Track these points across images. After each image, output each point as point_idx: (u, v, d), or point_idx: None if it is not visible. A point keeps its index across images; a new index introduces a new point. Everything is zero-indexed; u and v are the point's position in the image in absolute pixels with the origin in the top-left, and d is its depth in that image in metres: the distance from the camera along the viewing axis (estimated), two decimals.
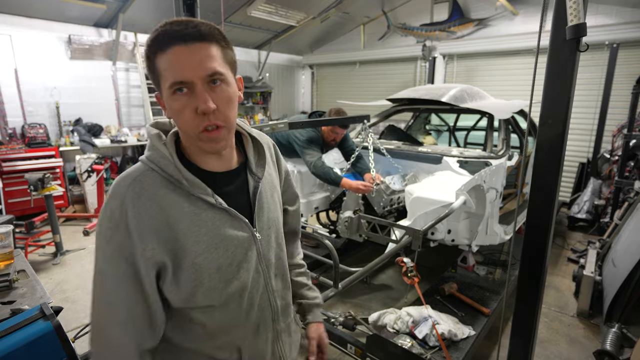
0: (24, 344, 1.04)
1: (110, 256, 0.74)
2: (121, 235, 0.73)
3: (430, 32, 6.49)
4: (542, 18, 1.33)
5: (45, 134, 5.11)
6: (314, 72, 9.01)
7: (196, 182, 0.78)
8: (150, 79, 0.77)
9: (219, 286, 0.81)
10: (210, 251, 0.78)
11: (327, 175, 2.85)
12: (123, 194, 0.74)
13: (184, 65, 0.70)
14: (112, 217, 0.73)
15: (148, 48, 0.73)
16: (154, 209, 0.74)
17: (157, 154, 0.77)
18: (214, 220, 0.79)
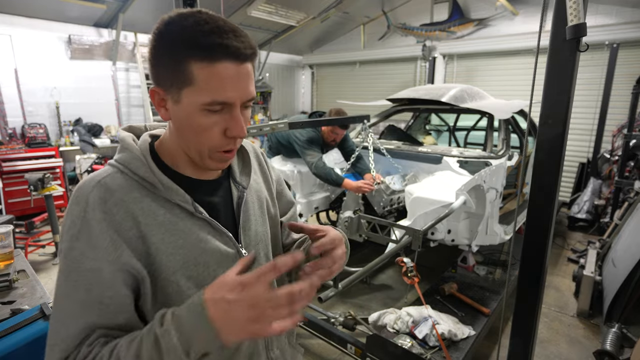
0: (24, 344, 1.04)
1: (68, 274, 0.62)
2: (85, 248, 0.61)
3: (430, 32, 6.49)
4: (542, 18, 1.33)
5: (45, 134, 5.11)
6: (314, 72, 9.01)
7: (173, 187, 0.68)
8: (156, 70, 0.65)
9: None
10: (189, 267, 0.68)
11: (328, 176, 2.85)
12: (85, 199, 0.63)
13: (231, 86, 0.63)
14: (73, 227, 0.62)
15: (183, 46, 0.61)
16: (123, 216, 0.64)
17: (128, 154, 0.69)
18: (192, 231, 0.69)
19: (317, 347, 2.55)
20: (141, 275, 0.64)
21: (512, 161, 3.19)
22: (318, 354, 2.51)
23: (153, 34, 0.64)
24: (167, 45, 0.63)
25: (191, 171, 0.74)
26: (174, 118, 0.68)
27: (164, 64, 0.64)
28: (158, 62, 0.65)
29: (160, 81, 0.66)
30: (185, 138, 0.69)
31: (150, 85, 4.80)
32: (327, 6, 6.53)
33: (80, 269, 0.61)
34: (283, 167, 3.16)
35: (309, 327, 2.36)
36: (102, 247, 0.61)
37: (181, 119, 0.66)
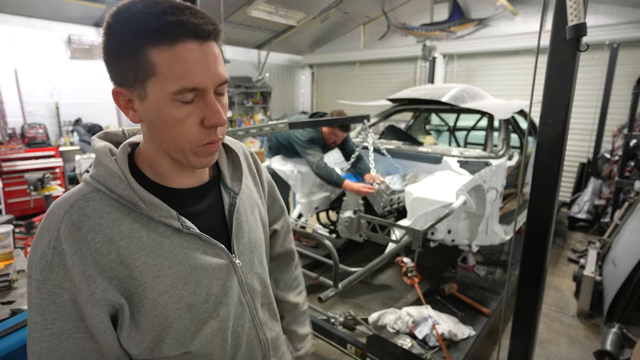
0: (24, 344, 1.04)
1: (44, 309, 0.57)
2: (60, 280, 0.56)
3: (430, 32, 6.49)
4: (542, 18, 1.33)
5: (45, 134, 5.11)
6: (314, 72, 9.01)
7: (156, 203, 0.62)
8: (113, 67, 0.59)
9: (192, 328, 0.66)
10: (178, 287, 0.64)
11: (329, 177, 2.85)
12: (57, 226, 0.57)
13: (198, 68, 0.56)
14: (44, 257, 0.56)
15: (135, 33, 0.55)
16: (101, 242, 0.58)
17: (104, 170, 0.61)
18: (180, 249, 0.64)
19: (317, 347, 2.55)
20: (119, 304, 0.60)
21: (512, 161, 3.19)
22: (318, 354, 2.51)
23: (103, 29, 0.58)
24: (120, 37, 0.57)
25: (175, 179, 0.67)
26: (144, 119, 0.61)
27: (120, 58, 0.58)
28: (114, 59, 0.59)
29: (121, 80, 0.60)
30: (161, 138, 0.62)
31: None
32: (327, 6, 6.52)
33: (58, 301, 0.57)
34: (283, 167, 3.15)
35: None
36: (76, 282, 0.57)
37: (152, 117, 0.60)
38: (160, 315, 0.63)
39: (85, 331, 0.59)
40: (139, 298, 0.61)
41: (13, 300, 1.46)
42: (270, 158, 3.32)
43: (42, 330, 0.57)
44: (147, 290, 0.61)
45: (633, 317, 2.75)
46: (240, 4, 5.89)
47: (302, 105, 9.36)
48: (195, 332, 0.67)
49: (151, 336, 0.63)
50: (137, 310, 0.61)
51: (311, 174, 3.14)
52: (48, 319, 0.57)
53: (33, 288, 0.57)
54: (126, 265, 0.60)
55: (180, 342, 0.66)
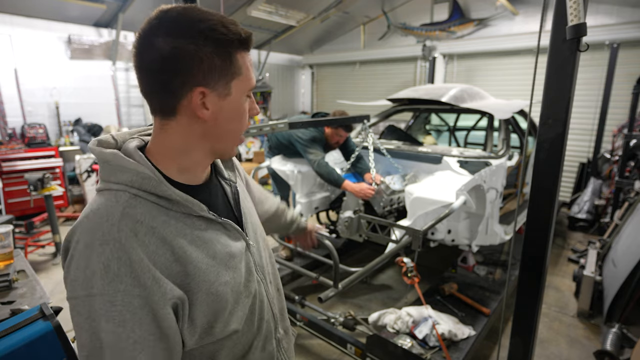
0: (24, 344, 1.04)
1: (123, 319, 0.58)
2: (130, 288, 0.58)
3: (430, 32, 6.49)
4: (542, 18, 1.33)
5: (45, 134, 5.11)
6: (314, 72, 9.01)
7: (189, 199, 0.66)
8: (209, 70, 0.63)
9: (234, 310, 0.72)
10: (223, 275, 0.69)
11: (330, 176, 2.85)
12: (115, 236, 0.58)
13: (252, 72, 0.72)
14: (109, 271, 0.57)
15: (229, 39, 0.64)
16: (156, 244, 0.61)
17: (135, 174, 0.63)
18: (217, 239, 0.70)
19: (317, 347, 2.55)
20: (181, 300, 0.63)
21: (512, 161, 3.19)
22: (318, 354, 2.51)
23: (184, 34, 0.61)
24: (215, 42, 0.63)
25: (192, 176, 0.73)
26: (215, 115, 0.67)
27: (212, 62, 0.63)
28: (203, 62, 0.63)
29: (203, 81, 0.64)
30: (224, 131, 0.70)
31: None
32: (327, 6, 6.53)
33: (132, 309, 0.58)
34: (283, 167, 3.15)
35: (309, 327, 2.36)
36: (147, 286, 0.59)
37: (229, 111, 0.69)
38: (211, 304, 0.67)
39: (158, 334, 0.60)
40: (193, 292, 0.65)
41: (13, 300, 1.46)
42: (270, 158, 3.32)
43: (127, 340, 0.58)
44: (200, 283, 0.65)
45: (633, 317, 2.75)
46: (240, 4, 5.89)
47: (302, 105, 9.36)
48: (236, 312, 0.73)
49: (203, 324, 0.67)
50: (192, 303, 0.65)
51: (311, 174, 3.14)
52: (128, 328, 0.58)
53: (104, 303, 0.57)
54: (180, 262, 0.64)
55: (225, 324, 0.70)
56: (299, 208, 3.17)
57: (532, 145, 3.74)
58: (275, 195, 3.50)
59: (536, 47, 1.34)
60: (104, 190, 0.65)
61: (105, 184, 0.65)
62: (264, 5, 5.97)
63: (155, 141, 0.70)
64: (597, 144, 5.16)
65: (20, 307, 1.37)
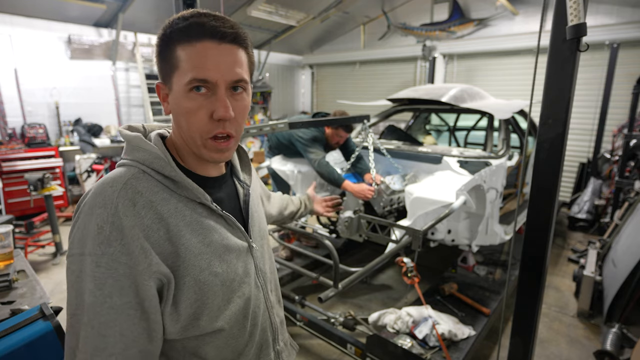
0: (24, 344, 1.04)
1: (103, 283, 0.58)
2: (117, 254, 0.59)
3: (430, 32, 6.49)
4: (542, 18, 1.33)
5: (45, 134, 5.11)
6: (314, 72, 9.01)
7: (194, 186, 0.68)
8: (158, 66, 0.69)
9: (223, 305, 0.71)
10: (215, 265, 0.69)
11: (331, 175, 2.85)
12: (113, 202, 0.60)
13: (211, 64, 0.64)
14: (101, 233, 0.59)
15: (169, 34, 0.65)
16: (152, 219, 0.63)
17: (148, 154, 0.67)
18: (215, 229, 0.71)
19: (317, 347, 2.55)
20: (167, 278, 0.63)
21: (512, 161, 3.19)
22: (318, 354, 2.51)
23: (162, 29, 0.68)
24: (160, 39, 0.67)
25: (201, 168, 0.75)
26: (172, 110, 0.70)
27: (160, 57, 0.67)
28: (157, 58, 0.68)
29: (160, 75, 0.69)
30: (180, 127, 0.69)
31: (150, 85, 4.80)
32: (327, 6, 6.53)
33: (116, 275, 0.59)
34: (283, 167, 3.15)
35: (309, 327, 2.36)
36: (133, 255, 0.60)
37: (174, 107, 0.68)
38: (198, 291, 0.67)
39: (138, 307, 0.61)
40: (181, 275, 0.65)
41: (13, 300, 1.46)
42: (270, 158, 3.32)
43: (102, 304, 0.59)
44: (189, 268, 0.65)
45: (633, 317, 2.75)
46: (240, 4, 5.89)
47: (302, 105, 9.36)
48: (225, 309, 0.71)
49: (188, 313, 0.66)
50: (179, 287, 0.65)
51: (311, 174, 3.13)
52: (106, 293, 0.59)
53: (91, 263, 0.59)
54: (173, 242, 0.64)
55: (211, 319, 0.69)
56: None
57: (532, 145, 3.74)
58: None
59: (536, 47, 1.34)
60: (120, 165, 0.69)
61: (123, 160, 0.69)
62: (264, 5, 5.97)
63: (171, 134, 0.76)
64: (597, 144, 5.16)
65: (20, 307, 1.37)
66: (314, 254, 2.48)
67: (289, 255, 3.32)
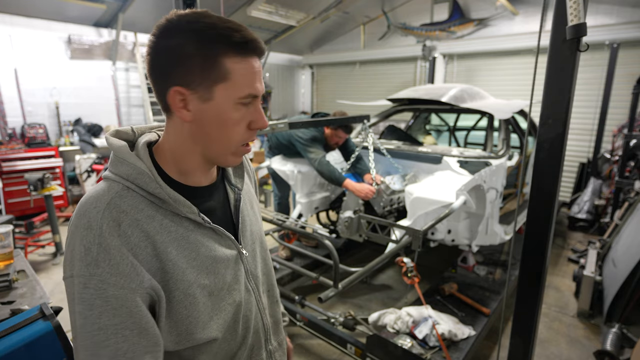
0: (24, 344, 1.04)
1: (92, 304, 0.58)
2: (106, 275, 0.58)
3: (430, 32, 6.49)
4: (542, 18, 1.33)
5: (45, 134, 5.11)
6: (314, 72, 9.01)
7: (180, 200, 0.67)
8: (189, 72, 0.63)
9: (214, 315, 0.72)
10: (202, 277, 0.69)
11: (332, 174, 2.85)
12: (98, 223, 0.60)
13: (258, 79, 0.67)
14: (88, 254, 0.58)
15: (216, 41, 0.62)
16: (138, 237, 0.62)
17: (132, 169, 0.65)
18: (202, 242, 0.70)
19: (317, 347, 2.55)
20: (158, 294, 0.63)
21: (512, 161, 3.19)
22: (318, 354, 2.51)
23: (173, 33, 0.63)
24: (196, 43, 0.62)
25: (194, 178, 0.73)
26: (197, 118, 0.66)
27: (192, 62, 0.63)
28: (183, 62, 0.63)
29: (183, 81, 0.64)
30: (209, 137, 0.68)
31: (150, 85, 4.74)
32: (327, 6, 6.53)
33: (104, 295, 0.58)
34: (283, 167, 3.15)
35: (309, 327, 2.36)
36: (124, 274, 0.59)
37: (210, 117, 0.66)
38: (189, 305, 0.67)
39: (134, 327, 0.60)
40: (169, 290, 0.65)
41: (13, 300, 1.46)
42: (270, 158, 3.32)
43: (92, 325, 0.59)
44: (177, 282, 0.66)
45: (633, 317, 2.75)
46: (240, 4, 5.89)
47: (302, 105, 9.36)
48: (216, 317, 0.72)
49: (180, 326, 0.67)
50: (169, 302, 0.65)
51: (311, 174, 3.13)
52: (95, 313, 0.58)
53: (78, 285, 0.59)
54: (160, 258, 0.64)
55: (203, 329, 0.70)
56: (299, 208, 3.17)
57: (532, 145, 3.74)
58: (276, 196, 3.50)
59: (536, 47, 1.34)
60: (105, 178, 0.68)
61: (108, 173, 0.68)
62: (264, 5, 5.97)
63: (162, 139, 0.73)
64: (597, 144, 5.16)
65: (20, 307, 1.37)
66: (314, 254, 2.48)
67: (289, 255, 3.32)
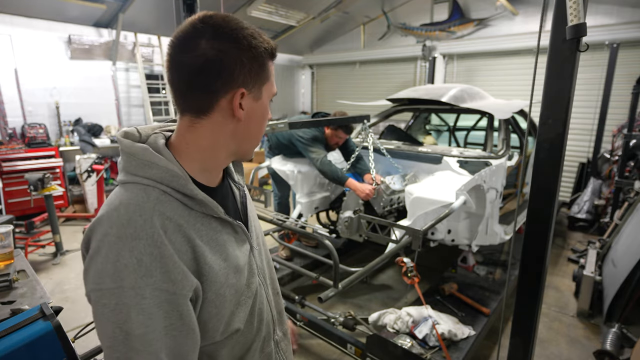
0: (24, 344, 1.04)
1: (151, 312, 0.59)
2: (159, 282, 0.59)
3: (430, 32, 6.49)
4: (542, 18, 1.33)
5: (45, 134, 5.11)
6: (314, 72, 9.01)
7: (210, 201, 0.69)
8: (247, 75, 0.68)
9: (236, 311, 0.74)
10: (230, 277, 0.71)
11: (334, 174, 2.85)
12: (147, 232, 0.60)
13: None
14: (141, 265, 0.58)
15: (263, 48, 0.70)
16: (181, 242, 0.63)
17: (165, 172, 0.65)
18: (228, 242, 0.73)
19: (317, 347, 2.55)
20: (197, 295, 0.66)
21: (512, 161, 3.19)
22: (318, 354, 2.51)
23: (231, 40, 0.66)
24: (254, 48, 0.68)
25: (210, 177, 0.75)
26: (248, 116, 0.71)
27: (250, 67, 0.68)
28: (243, 65, 0.67)
29: (243, 82, 0.68)
30: (250, 133, 0.74)
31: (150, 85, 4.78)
32: (327, 6, 6.52)
33: (159, 302, 0.60)
34: (283, 167, 3.15)
35: (309, 327, 2.36)
36: (176, 281, 0.61)
37: (258, 113, 0.73)
38: (219, 305, 0.69)
39: (182, 328, 0.63)
40: (204, 291, 0.67)
41: (13, 300, 1.46)
42: (270, 158, 3.32)
43: (153, 332, 0.60)
44: (211, 284, 0.67)
45: (633, 317, 2.75)
46: (240, 4, 5.89)
47: (302, 105, 9.36)
48: (238, 312, 0.74)
49: (208, 324, 0.69)
50: (202, 301, 0.67)
51: (311, 174, 3.14)
52: (153, 321, 0.59)
53: (134, 297, 0.58)
54: (198, 261, 0.66)
55: (228, 325, 0.72)
56: (299, 208, 3.17)
57: (532, 145, 3.75)
58: (276, 196, 3.50)
59: (536, 47, 1.34)
60: (131, 183, 0.65)
61: (132, 177, 0.65)
62: (264, 5, 5.97)
63: (180, 139, 0.71)
64: (597, 144, 5.15)
65: (20, 307, 1.37)
66: (314, 254, 2.48)
67: (289, 255, 3.32)
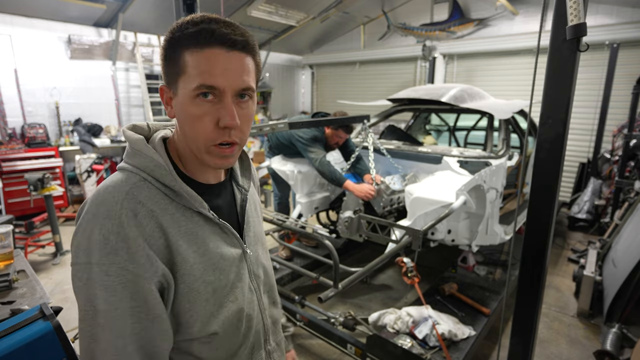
0: (24, 344, 1.04)
1: (114, 289, 0.60)
2: (124, 262, 0.60)
3: (430, 32, 6.49)
4: (542, 18, 1.33)
5: (45, 134, 5.11)
6: (314, 72, 9.01)
7: (193, 194, 0.69)
8: (163, 69, 0.68)
9: (215, 311, 0.72)
10: (208, 273, 0.70)
11: (332, 174, 2.86)
12: (117, 213, 0.62)
13: (220, 71, 0.64)
14: (107, 243, 0.60)
15: (178, 37, 0.65)
16: (153, 228, 0.64)
17: (149, 161, 0.68)
18: (210, 238, 0.72)
19: (317, 347, 2.55)
20: (168, 283, 0.65)
21: (512, 161, 3.19)
22: (318, 354, 2.51)
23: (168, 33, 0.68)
24: (168, 42, 0.66)
25: (201, 175, 0.75)
26: (176, 114, 0.69)
27: (167, 60, 0.67)
28: (164, 61, 0.68)
29: (166, 78, 0.69)
30: (184, 133, 0.69)
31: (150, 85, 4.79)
32: (327, 6, 6.52)
33: (124, 281, 0.61)
34: (283, 167, 3.15)
35: (309, 327, 2.36)
36: (140, 263, 0.61)
37: (179, 112, 0.68)
38: (192, 299, 0.68)
39: (148, 312, 0.63)
40: (176, 282, 0.67)
41: (13, 300, 1.46)
42: (270, 158, 3.32)
43: (115, 310, 0.61)
44: (184, 276, 0.67)
45: (633, 317, 2.75)
46: (240, 4, 5.89)
47: (302, 105, 9.36)
48: (217, 314, 0.72)
49: (181, 319, 0.68)
50: (175, 292, 0.67)
51: (311, 174, 3.14)
52: (117, 298, 0.61)
53: (99, 273, 0.60)
54: (171, 250, 0.66)
55: (203, 324, 0.71)
56: (299, 208, 3.17)
57: (532, 145, 3.75)
58: (276, 196, 3.50)
59: (536, 47, 1.34)
60: (121, 169, 0.69)
61: (123, 163, 0.70)
62: (264, 5, 5.97)
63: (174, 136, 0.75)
64: (597, 144, 5.16)
65: (20, 307, 1.37)
66: (314, 254, 2.48)
67: (289, 255, 3.32)
